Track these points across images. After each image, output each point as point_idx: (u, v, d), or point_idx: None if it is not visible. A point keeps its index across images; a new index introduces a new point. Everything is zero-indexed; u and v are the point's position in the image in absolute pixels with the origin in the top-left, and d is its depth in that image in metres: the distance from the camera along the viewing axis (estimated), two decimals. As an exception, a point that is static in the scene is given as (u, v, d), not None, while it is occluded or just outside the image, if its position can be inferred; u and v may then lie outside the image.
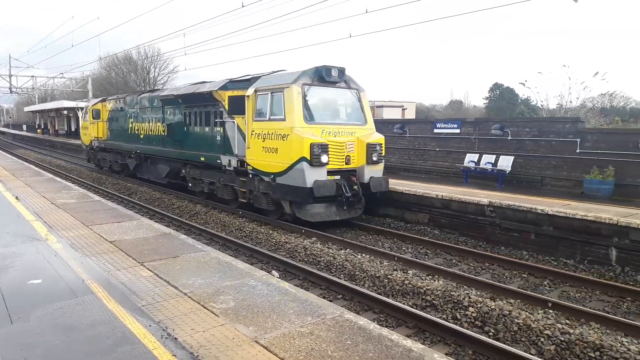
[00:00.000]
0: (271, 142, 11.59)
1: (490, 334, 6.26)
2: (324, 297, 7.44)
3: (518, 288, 7.89)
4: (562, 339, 5.80)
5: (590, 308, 7.03)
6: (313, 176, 10.85)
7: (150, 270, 6.33)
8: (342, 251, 9.89)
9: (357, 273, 8.54)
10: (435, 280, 8.10)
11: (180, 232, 10.52)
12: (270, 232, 11.40)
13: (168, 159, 17.20)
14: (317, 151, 10.88)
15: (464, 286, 7.86)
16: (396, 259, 9.31)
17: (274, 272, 8.71)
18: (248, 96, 12.35)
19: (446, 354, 5.70)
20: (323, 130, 11.32)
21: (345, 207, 11.78)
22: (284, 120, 11.30)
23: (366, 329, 4.57)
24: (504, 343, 5.94)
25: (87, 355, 4.12)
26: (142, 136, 19.27)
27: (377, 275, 8.26)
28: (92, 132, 23.98)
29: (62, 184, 15.58)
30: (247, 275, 6.13)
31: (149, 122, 18.63)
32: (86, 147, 25.89)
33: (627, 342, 5.73)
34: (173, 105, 16.48)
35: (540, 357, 5.59)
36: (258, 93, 12.20)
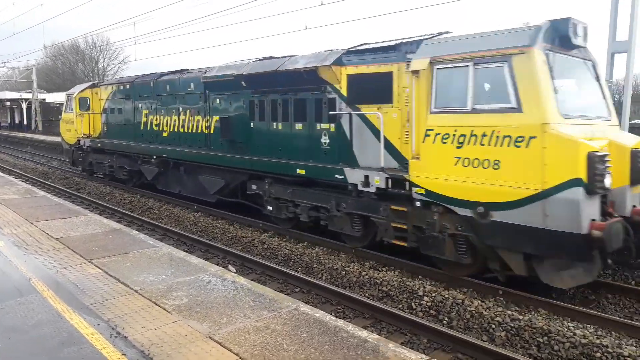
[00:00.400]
0: (479, 150, 6.82)
1: (445, 322, 6.40)
2: (281, 291, 7.40)
3: (470, 277, 8.09)
4: (512, 325, 5.99)
5: (538, 295, 7.29)
6: (589, 212, 6.22)
7: (99, 268, 6.10)
8: (300, 244, 9.86)
9: (315, 266, 8.54)
10: (391, 271, 8.20)
11: (132, 227, 10.23)
12: (227, 226, 11.22)
13: (220, 168, 11.76)
14: (600, 168, 6.16)
15: (419, 276, 7.99)
16: (354, 250, 9.36)
17: (230, 267, 8.58)
18: (416, 72, 7.59)
19: (402, 343, 5.80)
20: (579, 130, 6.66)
21: (609, 261, 6.75)
22: (516, 111, 6.52)
23: (322, 322, 4.56)
24: (457, 331, 6.09)
25: (32, 356, 3.94)
26: (165, 134, 13.87)
27: (335, 267, 8.28)
28: (79, 127, 18.13)
29: (4, 179, 14.82)
30: (202, 271, 6.01)
31: (179, 115, 13.22)
32: (70, 147, 19.36)
33: (572, 326, 5.97)
34: (229, 90, 11.36)
35: (492, 343, 5.76)
36: (439, 66, 7.40)
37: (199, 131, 12.55)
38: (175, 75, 13.82)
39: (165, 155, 13.71)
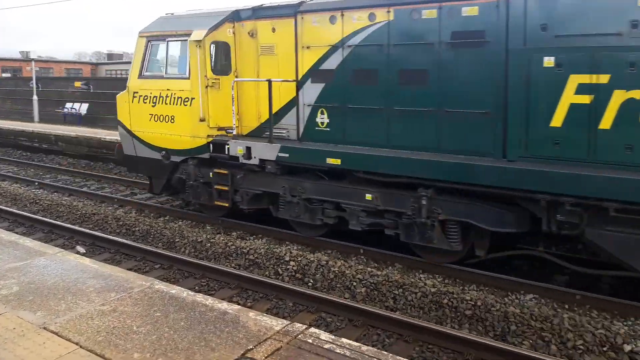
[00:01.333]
0: None
1: (310, 284, 6.48)
2: (138, 269, 6.92)
3: (334, 240, 8.29)
4: (372, 281, 6.26)
5: (394, 252, 7.71)
6: None
7: None
8: (161, 219, 9.25)
9: (177, 240, 8.11)
10: (258, 240, 8.08)
11: (-48, 211, 8.71)
12: (74, 203, 10.11)
13: None
14: None
15: (286, 242, 7.99)
16: (220, 221, 9.02)
17: (78, 247, 7.77)
18: None
19: (267, 309, 5.76)
20: None
21: None
22: None
23: (178, 298, 4.27)
24: (322, 291, 6.20)
25: None
26: None
27: (199, 240, 7.94)
28: (212, 113, 8.06)
29: None
30: (38, 254, 5.28)
31: None
32: (166, 155, 8.63)
33: (424, 277, 6.43)
34: None
35: (353, 300, 5.97)
36: None
37: None
38: None
39: None
